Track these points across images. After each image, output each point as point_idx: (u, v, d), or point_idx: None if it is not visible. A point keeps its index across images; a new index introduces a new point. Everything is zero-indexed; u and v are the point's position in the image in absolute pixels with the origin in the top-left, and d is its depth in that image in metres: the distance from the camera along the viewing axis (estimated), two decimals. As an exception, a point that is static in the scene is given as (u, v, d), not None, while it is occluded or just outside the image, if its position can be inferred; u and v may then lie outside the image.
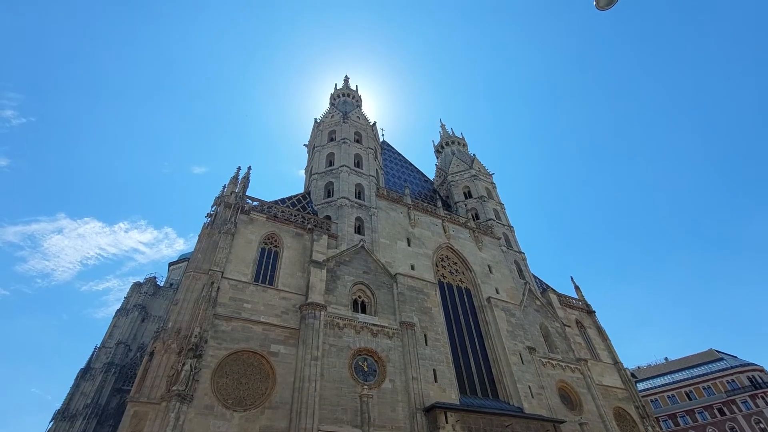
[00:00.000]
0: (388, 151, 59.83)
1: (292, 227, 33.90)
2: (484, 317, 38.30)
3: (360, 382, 26.90)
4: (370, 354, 28.93)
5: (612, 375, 42.55)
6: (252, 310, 27.11)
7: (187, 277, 27.05)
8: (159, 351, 22.85)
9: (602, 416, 36.29)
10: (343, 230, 36.01)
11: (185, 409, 21.02)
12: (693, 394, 72.83)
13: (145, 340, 57.96)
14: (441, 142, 68.73)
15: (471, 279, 41.41)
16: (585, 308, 49.24)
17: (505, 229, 51.18)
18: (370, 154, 46.76)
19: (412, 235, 40.65)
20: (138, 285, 66.37)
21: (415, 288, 35.16)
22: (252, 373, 24.50)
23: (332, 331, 28.35)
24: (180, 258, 77.77)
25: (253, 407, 23.08)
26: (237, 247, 29.87)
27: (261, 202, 34.52)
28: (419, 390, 28.11)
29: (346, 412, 24.96)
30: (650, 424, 39.35)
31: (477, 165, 59.96)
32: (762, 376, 70.41)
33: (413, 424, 26.30)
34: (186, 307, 25.18)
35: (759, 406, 66.45)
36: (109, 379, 52.85)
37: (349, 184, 40.86)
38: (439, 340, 32.67)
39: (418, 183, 56.66)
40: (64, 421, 49.67)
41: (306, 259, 32.04)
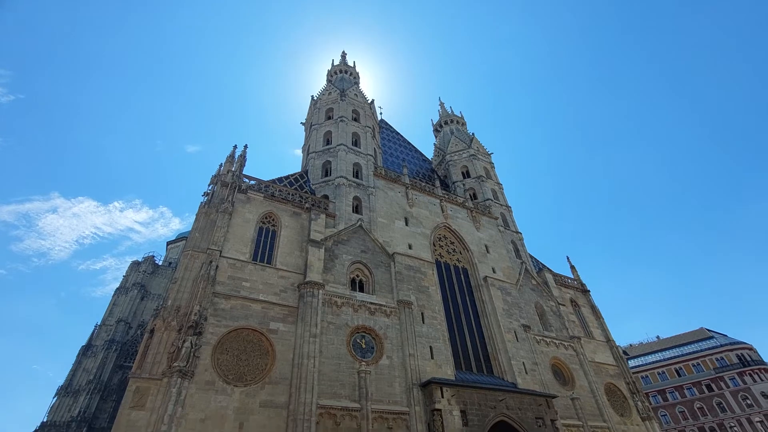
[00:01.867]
0: (386, 129, 59.10)
1: (289, 206, 33.75)
2: (480, 296, 38.76)
3: (358, 358, 27.39)
4: (368, 331, 29.36)
5: (604, 352, 43.51)
6: (251, 289, 27.28)
7: (185, 256, 27.07)
8: (159, 328, 23.07)
9: (594, 392, 37.32)
10: (341, 209, 35.90)
11: (187, 384, 21.41)
12: (683, 371, 74.86)
13: (144, 318, 58.56)
14: (440, 120, 67.85)
15: (468, 258, 41.68)
16: (580, 287, 49.88)
17: (502, 209, 51.21)
18: (368, 133, 46.16)
19: (410, 214, 40.62)
20: (136, 264, 66.55)
21: (413, 267, 35.38)
22: (252, 349, 24.86)
23: (330, 309, 28.65)
24: (178, 237, 77.77)
25: (253, 383, 23.53)
26: (235, 226, 29.79)
27: (258, 181, 34.23)
28: (416, 366, 28.69)
29: (345, 387, 25.51)
30: (640, 399, 40.52)
31: (476, 144, 59.42)
32: (751, 354, 72.21)
33: (410, 399, 26.98)
34: (185, 285, 25.29)
35: (746, 383, 68.42)
36: (110, 356, 53.65)
37: (346, 163, 40.49)
38: (435, 318, 33.12)
39: (417, 162, 56.23)
40: (68, 396, 50.68)
41: (304, 238, 32.05)
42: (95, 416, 48.52)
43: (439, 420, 25.79)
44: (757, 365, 69.95)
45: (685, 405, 71.39)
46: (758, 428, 64.16)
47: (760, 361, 71.01)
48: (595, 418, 35.45)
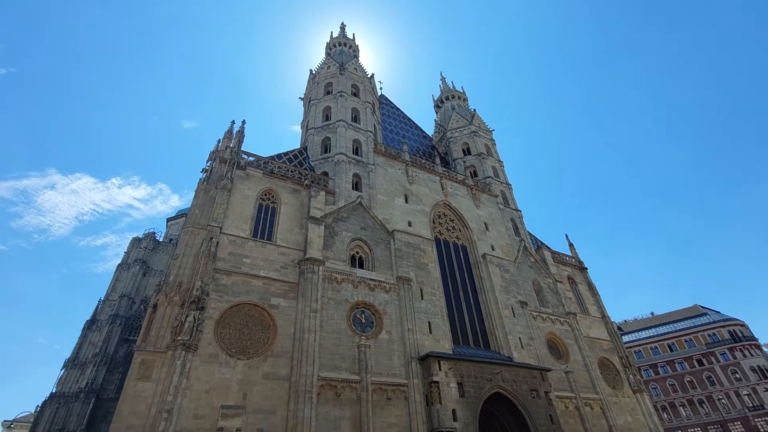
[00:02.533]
0: (387, 105, 58.13)
1: (289, 183, 33.60)
2: (479, 273, 39.19)
3: (358, 333, 27.95)
4: (367, 307, 29.83)
5: (599, 328, 44.40)
6: (251, 265, 27.52)
7: (185, 233, 27.15)
8: (162, 303, 23.41)
9: (587, 365, 38.32)
10: (341, 186, 35.77)
11: (191, 357, 21.92)
12: (675, 346, 76.69)
13: (147, 293, 59.37)
14: (441, 96, 66.66)
15: (467, 236, 41.87)
16: (577, 265, 50.38)
17: (503, 187, 51.07)
18: (368, 109, 45.42)
19: (409, 192, 40.51)
20: (137, 240, 66.87)
21: (412, 244, 35.59)
22: (254, 324, 25.32)
23: (331, 285, 29.01)
24: (178, 214, 77.81)
25: (255, 356, 24.09)
26: (234, 203, 29.73)
27: (257, 158, 33.93)
28: (414, 340, 29.32)
29: (345, 360, 26.15)
30: (632, 372, 41.67)
31: (477, 121, 58.60)
32: (742, 331, 73.78)
33: (408, 371, 27.72)
34: (186, 261, 25.48)
35: (736, 358, 70.22)
36: (115, 330, 54.70)
37: (346, 139, 40.03)
38: (434, 294, 33.59)
39: (417, 139, 55.62)
40: (75, 368, 52.01)
41: (304, 215, 32.08)
42: (102, 387, 49.95)
43: (437, 391, 26.58)
44: (748, 341, 71.66)
45: (675, 378, 73.55)
46: (745, 401, 66.38)
47: (751, 337, 72.69)
48: (588, 390, 36.54)
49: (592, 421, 34.37)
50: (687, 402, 70.84)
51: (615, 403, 37.72)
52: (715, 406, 67.99)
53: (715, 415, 67.19)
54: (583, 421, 33.67)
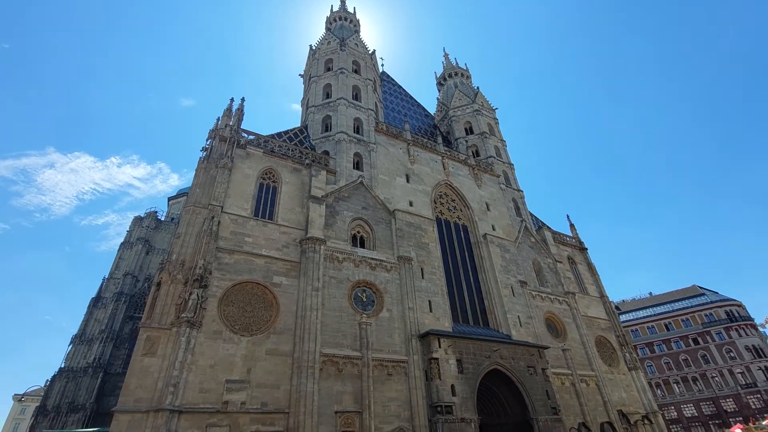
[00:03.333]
0: (388, 83, 57.09)
1: (289, 162, 33.36)
2: (479, 253, 39.38)
3: (359, 311, 28.34)
4: (368, 286, 30.14)
5: (597, 307, 44.97)
6: (253, 244, 27.65)
7: (186, 212, 27.15)
8: (166, 281, 23.64)
9: (584, 344, 39.01)
10: (342, 166, 35.53)
11: (195, 333, 22.32)
12: (671, 326, 77.82)
13: (150, 271, 59.98)
14: (443, 73, 65.33)
15: (468, 216, 41.87)
16: (578, 245, 50.56)
17: (505, 167, 50.72)
18: (369, 86, 44.62)
19: (411, 171, 40.26)
20: (139, 219, 67.04)
21: (413, 224, 35.64)
22: (256, 302, 25.66)
23: (332, 264, 29.22)
24: (179, 193, 77.68)
25: (259, 332, 24.52)
26: (235, 182, 29.62)
27: (257, 136, 33.57)
28: (415, 318, 29.76)
29: (346, 337, 26.63)
30: (628, 351, 42.46)
31: (480, 99, 57.64)
32: (739, 311, 74.65)
33: (409, 348, 28.26)
34: (188, 240, 25.58)
35: (732, 337, 71.33)
36: (120, 307, 55.55)
37: (347, 118, 39.50)
38: (435, 273, 33.87)
39: (419, 118, 54.88)
40: (82, 344, 53.12)
41: (305, 194, 32.00)
42: (110, 363, 51.16)
43: (436, 368, 27.18)
44: (744, 321, 72.65)
45: (671, 357, 74.98)
46: (738, 379, 67.87)
47: (747, 317, 73.64)
48: (584, 367, 37.33)
49: (588, 396, 35.25)
50: (681, 379, 72.44)
51: (610, 379, 38.59)
52: (708, 384, 69.55)
53: (708, 392, 68.83)
54: (578, 397, 34.54)
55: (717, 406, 67.16)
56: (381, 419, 24.69)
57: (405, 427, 25.08)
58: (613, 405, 36.16)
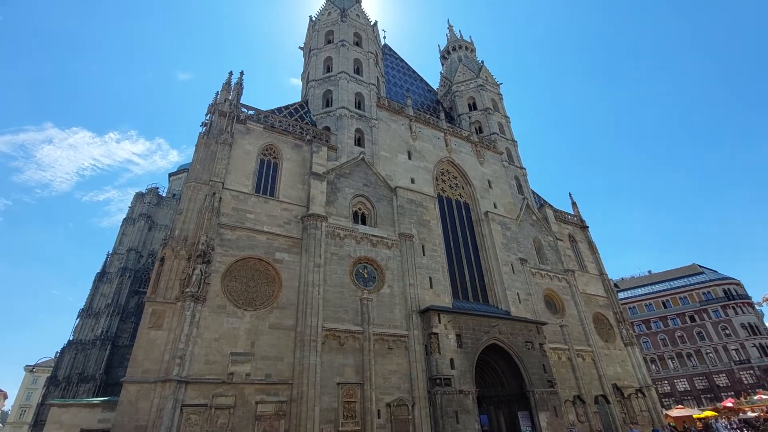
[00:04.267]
0: (390, 56, 55.69)
1: (290, 138, 32.99)
2: (480, 230, 39.45)
3: (360, 287, 28.69)
4: (370, 262, 30.38)
5: (596, 284, 45.39)
6: (255, 220, 27.71)
7: (187, 188, 27.09)
8: (169, 257, 23.85)
9: (582, 320, 39.62)
10: (343, 142, 35.14)
11: (199, 308, 22.71)
12: (669, 303, 78.74)
13: (153, 247, 60.43)
14: (447, 46, 63.57)
15: (470, 194, 41.71)
16: (579, 224, 50.55)
17: (508, 144, 50.10)
18: (371, 60, 43.54)
19: (413, 148, 39.84)
20: (140, 195, 67.01)
21: (415, 201, 35.56)
22: (259, 277, 25.96)
23: (333, 240, 29.36)
24: (179, 169, 77.29)
25: (262, 307, 24.94)
26: (235, 158, 29.39)
27: (257, 111, 33.06)
28: (415, 295, 30.14)
29: (348, 312, 27.08)
30: (625, 327, 43.16)
31: (484, 74, 56.29)
32: (737, 289, 75.28)
33: (409, 323, 28.77)
34: (190, 216, 25.64)
35: (728, 315, 72.23)
36: (125, 282, 56.34)
37: (348, 92, 38.74)
38: (435, 250, 34.05)
39: (421, 93, 53.84)
40: (89, 318, 54.20)
41: (306, 171, 31.80)
42: (117, 335, 52.35)
43: (436, 342, 27.74)
44: (741, 299, 73.38)
45: (666, 333, 76.26)
46: (732, 355, 69.23)
47: (744, 296, 74.35)
48: (581, 343, 38.05)
49: (583, 370, 36.10)
50: (675, 355, 73.95)
51: (606, 354, 39.40)
52: (703, 360, 71.02)
53: (701, 368, 70.38)
54: (574, 371, 35.37)
55: (710, 381, 68.82)
56: (382, 390, 25.43)
57: (405, 398, 25.86)
58: (608, 379, 37.07)
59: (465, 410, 26.26)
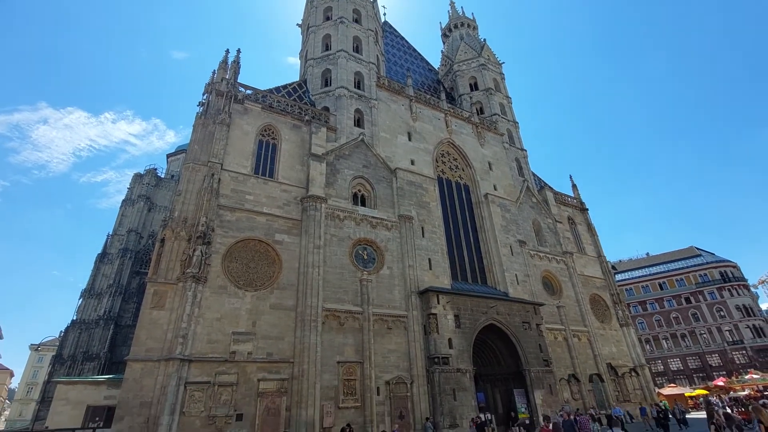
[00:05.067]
0: (390, 34, 54.43)
1: (289, 119, 32.56)
2: (480, 212, 39.47)
3: (360, 268, 28.88)
4: (369, 244, 30.49)
5: (594, 266, 45.76)
6: (254, 202, 27.64)
7: (186, 169, 26.90)
8: (170, 238, 23.88)
9: (579, 301, 40.11)
10: (342, 123, 34.72)
11: (201, 288, 22.91)
12: (665, 285, 79.48)
13: (153, 228, 60.45)
14: (449, 24, 62.13)
15: (470, 175, 41.52)
16: (578, 206, 50.57)
17: (509, 125, 49.58)
18: (371, 38, 42.56)
19: (413, 129, 39.41)
20: (139, 176, 66.61)
21: (414, 183, 35.43)
22: (259, 258, 26.10)
23: (333, 222, 29.37)
24: (177, 150, 76.59)
25: (263, 288, 25.16)
26: (234, 138, 29.07)
27: (255, 91, 32.52)
28: (415, 276, 30.39)
29: (348, 293, 27.35)
30: (621, 308, 43.76)
31: (486, 52, 55.18)
32: (733, 272, 75.89)
33: (408, 304, 29.11)
34: (189, 198, 25.55)
35: (723, 297, 73.03)
36: (126, 263, 56.63)
37: (347, 72, 38.03)
38: (435, 232, 34.13)
39: (422, 72, 52.88)
40: (92, 298, 54.71)
41: (305, 152, 31.53)
42: (120, 315, 52.97)
43: (435, 322, 28.14)
44: (737, 281, 74.06)
45: (662, 315, 77.30)
46: (725, 336, 70.39)
47: (740, 278, 75.01)
48: (577, 323, 38.63)
49: (579, 350, 36.78)
50: (670, 336, 75.17)
51: (602, 335, 40.07)
52: (696, 340, 72.23)
53: (695, 348, 71.66)
54: (570, 350, 36.03)
55: (702, 361, 70.20)
56: (381, 369, 25.94)
57: (404, 376, 26.41)
58: (602, 358, 37.81)
59: (462, 388, 26.87)
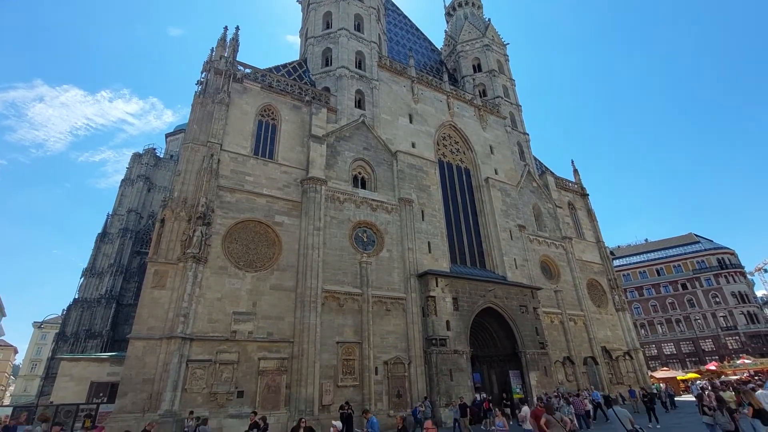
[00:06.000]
0: (392, 12, 53.13)
1: (289, 99, 32.09)
2: (480, 196, 39.37)
3: (360, 250, 28.99)
4: (369, 226, 30.52)
5: (592, 252, 45.98)
6: (254, 183, 27.51)
7: (185, 149, 26.66)
8: (169, 218, 23.85)
9: (576, 285, 40.45)
10: (343, 103, 34.26)
11: (201, 268, 23.03)
12: (663, 271, 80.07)
13: (153, 208, 60.45)
14: (453, 2, 60.60)
15: (471, 159, 41.24)
16: (579, 191, 50.45)
17: (512, 108, 48.97)
18: (372, 15, 41.55)
19: (414, 111, 38.92)
20: (138, 156, 66.17)
21: (415, 166, 35.21)
22: (259, 239, 26.15)
23: (333, 204, 29.32)
24: (176, 129, 75.89)
25: (263, 269, 25.30)
26: (233, 118, 28.71)
27: (254, 70, 31.93)
28: (414, 259, 30.54)
29: (347, 275, 27.53)
30: (617, 293, 44.20)
31: (491, 33, 54.01)
32: (731, 259, 76.33)
33: (407, 286, 29.36)
34: (189, 178, 25.40)
35: (720, 283, 73.68)
36: (126, 243, 56.85)
37: (348, 51, 37.28)
38: (435, 216, 34.14)
39: (424, 53, 51.88)
40: (93, 277, 55.15)
41: (305, 133, 31.20)
42: (121, 294, 53.52)
43: (433, 305, 28.45)
44: (734, 268, 74.60)
45: (658, 300, 78.17)
46: (720, 321, 71.37)
47: (737, 265, 75.55)
48: (574, 307, 39.07)
49: (575, 334, 37.33)
50: (665, 321, 76.19)
51: (597, 319, 40.59)
52: (691, 326, 73.27)
53: (689, 333, 72.74)
54: (565, 334, 36.57)
55: (696, 346, 71.36)
56: (379, 349, 26.36)
57: (402, 357, 26.86)
58: (597, 342, 38.41)
59: (459, 369, 27.37)
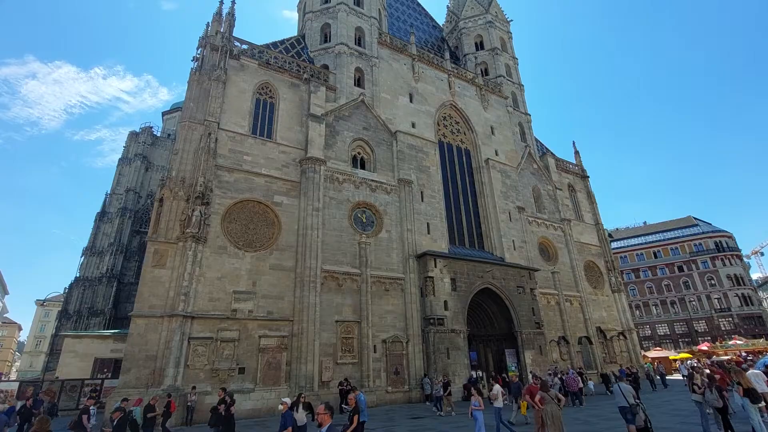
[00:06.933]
0: (394, -13, 51.48)
1: (287, 76, 31.47)
2: (480, 178, 39.19)
3: (359, 231, 29.04)
4: (368, 207, 30.48)
5: (591, 234, 46.16)
6: (252, 163, 27.28)
7: (182, 127, 26.29)
8: (168, 198, 23.76)
9: (573, 267, 40.79)
10: (342, 82, 33.63)
11: (201, 248, 23.11)
12: (660, 254, 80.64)
13: (152, 188, 60.12)
14: (457, -24, 58.57)
15: (472, 140, 40.84)
16: (580, 173, 50.22)
17: (514, 88, 48.17)
18: (373, -10, 40.26)
19: (415, 90, 38.26)
20: (135, 134, 65.35)
21: (415, 146, 34.89)
22: (258, 220, 26.14)
23: (332, 185, 29.19)
24: (173, 107, 74.70)
25: (262, 249, 25.40)
26: (230, 96, 28.22)
27: (251, 46, 31.16)
28: (413, 240, 30.65)
29: (346, 255, 27.67)
30: (614, 275, 44.62)
31: (495, 9, 52.58)
32: (728, 242, 76.77)
33: (406, 267, 29.57)
34: (186, 157, 25.16)
35: (716, 266, 74.37)
36: (126, 222, 56.84)
37: (348, 27, 36.34)
38: (434, 197, 34.06)
39: (425, 30, 50.62)
40: (94, 256, 55.39)
41: (304, 112, 30.75)
42: (122, 273, 53.90)
43: (431, 285, 28.72)
44: (731, 251, 75.13)
45: (654, 282, 79.05)
46: (714, 303, 72.42)
47: (734, 248, 76.06)
48: (570, 288, 39.51)
49: (570, 314, 37.88)
50: (660, 302, 77.28)
51: (593, 300, 41.11)
52: (685, 307, 74.36)
53: (683, 314, 73.90)
54: (561, 314, 37.11)
55: (689, 327, 72.63)
56: (378, 328, 26.77)
57: (400, 336, 27.32)
58: (592, 322, 39.03)
59: (456, 347, 27.89)
